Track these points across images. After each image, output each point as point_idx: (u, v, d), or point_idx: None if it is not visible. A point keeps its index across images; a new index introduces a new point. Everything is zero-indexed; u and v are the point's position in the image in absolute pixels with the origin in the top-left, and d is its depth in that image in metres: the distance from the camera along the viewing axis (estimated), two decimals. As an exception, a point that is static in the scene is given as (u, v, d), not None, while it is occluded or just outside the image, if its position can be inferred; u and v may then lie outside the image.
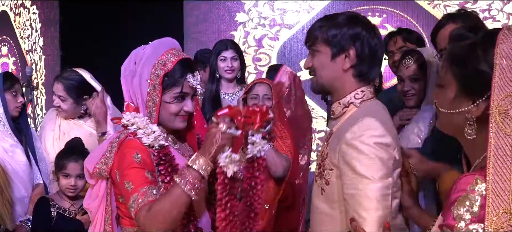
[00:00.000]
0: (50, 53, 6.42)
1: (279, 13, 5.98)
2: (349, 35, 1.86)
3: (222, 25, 6.05)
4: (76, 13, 6.08)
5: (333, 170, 1.83)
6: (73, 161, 2.95)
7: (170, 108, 2.03)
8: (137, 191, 1.89)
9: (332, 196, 1.84)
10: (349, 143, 1.76)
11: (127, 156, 1.95)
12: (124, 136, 2.01)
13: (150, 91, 2.01)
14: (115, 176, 1.98)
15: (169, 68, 2.01)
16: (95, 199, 2.08)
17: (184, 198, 1.85)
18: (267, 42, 6.00)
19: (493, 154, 1.24)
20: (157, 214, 1.85)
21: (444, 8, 5.55)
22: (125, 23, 6.04)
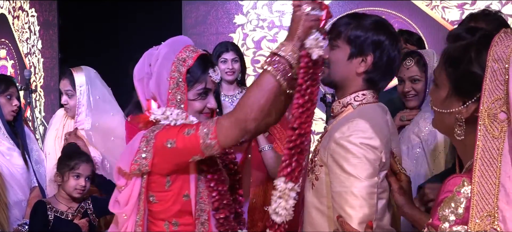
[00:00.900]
0: (48, 56, 6.42)
1: (278, 15, 5.98)
2: (372, 41, 1.88)
3: (221, 27, 6.05)
4: (75, 16, 6.09)
5: (323, 167, 1.86)
6: (85, 161, 2.96)
7: (194, 106, 2.01)
8: (200, 124, 1.87)
9: (321, 191, 1.87)
10: (337, 142, 1.79)
11: (173, 126, 1.92)
12: (160, 128, 1.94)
13: (173, 89, 1.97)
14: (165, 152, 1.90)
15: (190, 64, 1.98)
16: (126, 204, 1.99)
17: (273, 83, 1.79)
18: (265, 44, 6.00)
19: (480, 156, 1.25)
20: (245, 104, 1.81)
21: (442, 10, 5.56)
22: (124, 25, 6.04)
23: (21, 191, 3.17)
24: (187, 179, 2.00)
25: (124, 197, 2.00)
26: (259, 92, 1.81)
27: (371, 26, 1.90)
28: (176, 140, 1.88)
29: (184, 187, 1.99)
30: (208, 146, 1.86)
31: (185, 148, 1.89)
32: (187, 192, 1.99)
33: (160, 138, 1.91)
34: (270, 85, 1.80)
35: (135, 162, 1.93)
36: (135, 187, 1.98)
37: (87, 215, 2.98)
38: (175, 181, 1.98)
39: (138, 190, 1.97)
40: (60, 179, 2.97)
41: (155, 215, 2.01)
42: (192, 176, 2.00)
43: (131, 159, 1.94)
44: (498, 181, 1.23)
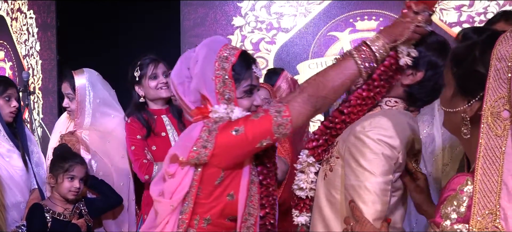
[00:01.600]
0: (47, 57, 6.41)
1: (276, 17, 5.99)
2: (429, 61, 1.87)
3: (219, 29, 6.05)
4: (73, 18, 6.09)
5: (339, 158, 1.86)
6: (79, 163, 2.96)
7: (242, 104, 1.99)
8: (269, 107, 1.87)
9: (333, 182, 1.87)
10: (357, 136, 1.79)
11: (237, 119, 1.91)
12: (222, 122, 1.91)
13: (220, 88, 1.95)
14: (230, 140, 1.86)
15: (233, 61, 1.96)
16: (173, 194, 1.93)
17: (354, 69, 1.81)
18: (264, 46, 6.00)
19: (482, 154, 1.25)
20: (319, 81, 1.82)
21: (440, 12, 5.57)
22: (122, 27, 6.04)
23: (20, 193, 3.17)
24: (238, 179, 1.96)
25: (171, 187, 1.94)
26: (337, 74, 1.82)
27: (434, 46, 1.88)
28: (244, 126, 1.85)
29: (231, 186, 1.95)
30: (280, 125, 1.84)
31: (254, 132, 1.86)
32: (232, 191, 1.95)
33: (224, 128, 1.88)
34: (350, 71, 1.82)
35: (194, 150, 1.88)
36: (186, 178, 1.92)
37: (82, 216, 2.99)
38: (226, 177, 1.94)
39: (189, 182, 1.92)
40: (54, 181, 2.97)
41: (198, 210, 1.96)
42: (244, 178, 1.96)
43: (190, 146, 1.89)
44: (500, 179, 1.23)
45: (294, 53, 5.95)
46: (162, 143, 3.05)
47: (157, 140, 3.05)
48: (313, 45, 5.90)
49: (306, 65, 5.91)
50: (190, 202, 1.93)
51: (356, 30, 5.75)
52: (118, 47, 6.03)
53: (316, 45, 5.90)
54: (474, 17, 5.49)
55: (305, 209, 1.98)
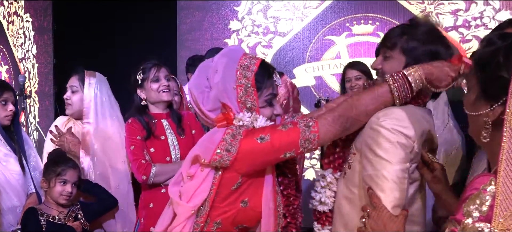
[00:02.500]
0: (43, 61, 6.41)
1: (273, 21, 6.00)
2: (430, 52, 1.90)
3: (216, 33, 6.06)
4: (70, 21, 6.09)
5: (356, 154, 1.88)
6: (72, 167, 2.95)
7: (264, 113, 1.97)
8: (297, 120, 1.87)
9: (353, 179, 1.89)
10: (372, 127, 1.82)
11: (262, 127, 1.90)
12: (246, 128, 1.90)
13: (242, 96, 1.93)
14: (254, 147, 1.85)
15: (255, 69, 1.95)
16: (192, 196, 1.91)
17: (388, 97, 1.84)
18: (260, 50, 6.01)
19: (505, 157, 1.27)
20: (353, 103, 1.84)
21: (437, 16, 5.59)
22: (119, 32, 6.04)
23: (16, 197, 3.16)
24: (254, 186, 1.94)
25: (189, 189, 1.93)
26: (371, 99, 1.85)
27: (427, 38, 1.92)
28: (270, 135, 1.84)
29: (247, 193, 1.93)
30: (307, 140, 1.84)
31: (281, 142, 1.85)
32: (247, 198, 1.93)
33: (249, 134, 1.87)
34: (384, 98, 1.85)
35: (217, 153, 1.86)
36: (207, 180, 1.91)
37: (78, 219, 2.98)
38: (243, 184, 1.92)
39: (209, 185, 1.90)
40: (46, 185, 2.96)
41: (217, 212, 1.94)
42: (267, 187, 1.95)
43: (213, 148, 1.87)
44: None
45: (290, 57, 5.96)
46: (161, 146, 3.07)
47: (156, 142, 3.07)
48: (309, 49, 5.91)
49: (303, 69, 5.92)
50: (206, 205, 1.92)
51: (353, 34, 5.77)
52: (114, 51, 6.03)
53: (312, 49, 5.91)
54: (470, 22, 5.51)
55: (328, 221, 2.00)
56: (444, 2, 5.58)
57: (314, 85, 5.87)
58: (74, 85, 3.25)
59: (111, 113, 3.27)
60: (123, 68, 5.15)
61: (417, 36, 1.92)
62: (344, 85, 4.15)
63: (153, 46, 5.65)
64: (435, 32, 1.96)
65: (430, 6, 5.62)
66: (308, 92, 5.80)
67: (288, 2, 5.95)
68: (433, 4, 5.61)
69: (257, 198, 1.93)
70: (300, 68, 5.92)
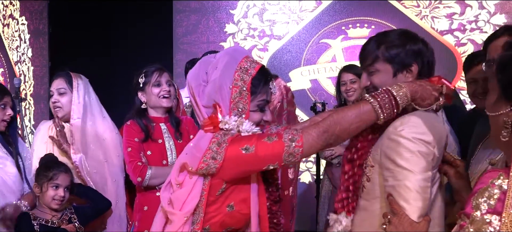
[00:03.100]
0: (38, 64, 6.40)
1: (268, 24, 6.01)
2: (413, 51, 1.93)
3: (212, 36, 6.07)
4: (65, 24, 6.08)
5: (374, 167, 1.88)
6: (64, 171, 2.95)
7: (253, 117, 1.99)
8: (282, 133, 1.88)
9: (373, 192, 1.89)
10: (390, 137, 1.82)
11: (248, 135, 1.92)
12: (231, 135, 1.92)
13: (235, 97, 1.96)
14: (239, 157, 1.87)
15: (253, 74, 1.97)
16: (184, 204, 1.95)
17: (371, 115, 1.85)
18: (256, 53, 6.02)
19: None
20: (337, 120, 1.85)
21: (432, 20, 5.61)
22: (115, 34, 6.04)
23: (13, 199, 3.15)
24: (238, 191, 1.97)
25: (180, 197, 1.96)
26: (355, 116, 1.86)
27: (405, 40, 1.95)
28: (255, 146, 1.87)
29: (231, 197, 1.96)
30: (291, 154, 1.86)
31: (265, 155, 1.87)
32: (232, 203, 1.96)
33: (234, 143, 1.89)
34: (367, 116, 1.86)
35: (204, 161, 1.89)
36: (196, 187, 1.94)
37: (72, 223, 2.98)
38: (227, 189, 1.95)
39: (199, 192, 1.94)
40: (39, 190, 2.96)
41: (213, 215, 1.98)
42: (253, 186, 1.99)
43: (200, 157, 1.91)
44: None
45: (286, 60, 5.97)
46: (157, 149, 3.08)
47: (153, 146, 3.08)
48: (305, 52, 5.92)
49: (299, 72, 5.93)
50: (200, 211, 1.95)
51: (348, 37, 5.78)
52: (110, 54, 6.03)
53: (308, 53, 5.92)
54: (465, 25, 5.53)
55: None
56: (439, 5, 5.60)
57: (310, 88, 5.88)
58: (61, 88, 3.25)
59: (100, 113, 3.30)
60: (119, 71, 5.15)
61: (394, 41, 1.94)
62: (340, 88, 4.16)
63: (149, 49, 5.65)
64: (408, 33, 1.99)
65: (425, 9, 5.63)
66: (304, 95, 5.80)
67: (284, 5, 5.96)
68: (429, 7, 5.63)
69: (242, 202, 1.97)
70: (296, 71, 5.93)
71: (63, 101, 3.24)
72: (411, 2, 5.67)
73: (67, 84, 3.25)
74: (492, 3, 5.48)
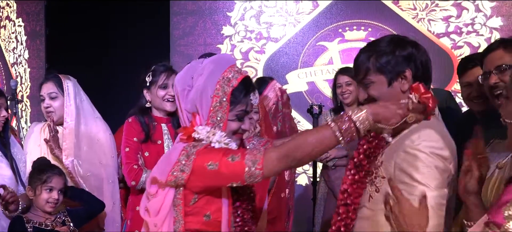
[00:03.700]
0: (35, 65, 6.39)
1: (265, 26, 6.01)
2: (403, 57, 1.90)
3: (209, 38, 6.06)
4: (62, 26, 6.07)
5: (385, 178, 1.85)
6: (57, 174, 2.94)
7: (231, 126, 2.03)
8: (246, 153, 1.90)
9: (380, 203, 1.85)
10: (407, 151, 1.79)
11: (215, 149, 1.96)
12: (202, 147, 1.97)
13: (215, 107, 2.00)
14: (204, 172, 1.92)
15: (235, 84, 2.01)
16: (156, 212, 2.01)
17: (332, 141, 1.84)
18: (253, 55, 6.02)
19: None
20: (298, 144, 1.86)
21: (428, 22, 5.62)
22: (112, 36, 6.04)
23: (9, 201, 3.14)
24: (215, 200, 2.02)
25: (155, 206, 2.01)
26: (316, 142, 1.85)
27: (394, 47, 1.92)
28: (219, 163, 1.91)
29: (207, 207, 2.01)
30: (252, 175, 1.89)
31: (227, 173, 1.91)
32: (208, 212, 2.01)
33: (201, 157, 1.94)
34: (328, 141, 1.85)
35: (172, 174, 1.95)
36: (168, 197, 1.99)
37: (65, 225, 2.97)
38: (200, 199, 2.00)
39: (170, 200, 1.99)
40: (32, 193, 2.94)
41: (194, 220, 2.03)
42: (224, 200, 2.03)
43: (168, 170, 1.96)
44: None
45: (283, 62, 5.97)
46: (155, 151, 3.05)
47: (152, 147, 3.06)
48: (302, 54, 5.92)
49: (295, 74, 5.93)
50: (180, 219, 2.00)
51: (345, 40, 5.79)
52: (107, 55, 6.02)
53: (305, 55, 5.92)
54: (462, 28, 5.55)
55: None
56: (435, 8, 5.61)
57: (306, 91, 5.88)
58: (52, 92, 3.24)
59: (93, 114, 3.29)
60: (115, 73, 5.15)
61: (383, 50, 1.92)
62: (336, 90, 4.16)
63: (146, 51, 5.64)
64: (396, 39, 1.96)
65: (422, 12, 5.65)
66: (300, 98, 5.80)
67: (281, 7, 5.96)
68: (425, 10, 5.64)
69: (218, 210, 2.02)
70: (293, 74, 5.93)
71: (56, 105, 3.23)
72: (407, 5, 5.68)
73: (57, 87, 3.23)
74: (488, 6, 5.49)
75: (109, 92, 5.74)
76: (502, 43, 2.43)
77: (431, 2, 5.63)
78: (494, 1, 5.50)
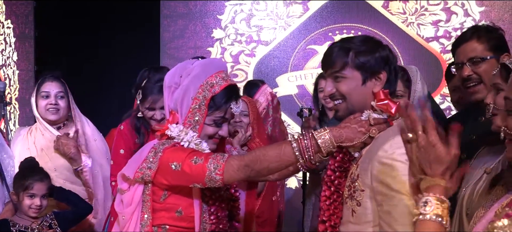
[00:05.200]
0: (24, 68, 6.35)
1: (256, 30, 6.01)
2: (382, 58, 1.90)
3: (199, 41, 6.06)
4: (51, 28, 6.04)
5: (365, 191, 1.81)
6: (39, 180, 2.88)
7: (207, 130, 2.09)
8: (210, 157, 1.95)
9: (365, 217, 1.82)
10: (382, 162, 1.75)
11: (183, 149, 2.02)
12: (170, 144, 2.04)
13: (194, 109, 2.06)
14: (168, 171, 1.99)
15: (216, 91, 2.06)
16: (129, 205, 2.09)
17: (291, 159, 1.87)
18: (243, 59, 6.02)
19: None
20: (259, 157, 1.91)
21: (418, 27, 5.65)
22: (101, 38, 6.01)
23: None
24: (185, 197, 2.07)
25: (125, 200, 2.10)
26: (275, 157, 1.90)
27: (371, 46, 1.92)
28: (182, 164, 1.97)
29: (178, 203, 2.07)
30: (212, 180, 1.95)
31: (190, 174, 1.97)
32: (180, 208, 2.07)
33: (166, 155, 2.01)
34: (287, 158, 1.89)
35: (140, 170, 2.04)
36: (137, 192, 2.07)
37: (52, 228, 2.93)
38: (170, 196, 2.07)
39: (139, 196, 2.07)
40: (16, 198, 2.91)
41: (165, 214, 2.10)
42: (195, 196, 2.08)
43: (136, 166, 2.04)
44: None
45: (273, 66, 5.97)
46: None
47: None
48: (292, 58, 5.93)
49: (286, 78, 5.94)
50: (148, 215, 2.08)
51: (335, 43, 5.80)
52: (97, 58, 5.99)
53: (295, 58, 5.93)
54: (451, 32, 5.58)
55: None
56: (425, 13, 5.65)
57: (296, 94, 5.89)
58: (61, 91, 3.23)
59: (83, 116, 3.33)
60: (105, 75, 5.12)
61: (362, 48, 1.91)
62: (317, 95, 4.09)
63: (136, 53, 5.63)
64: (375, 39, 1.97)
65: (412, 16, 5.68)
66: (290, 101, 5.81)
67: (271, 11, 5.97)
68: (415, 14, 5.68)
69: (190, 206, 2.08)
70: (283, 77, 5.94)
71: (62, 105, 3.23)
72: (397, 9, 5.71)
73: (63, 87, 3.25)
74: (477, 11, 5.54)
75: (99, 94, 5.72)
76: (475, 33, 2.36)
77: (421, 6, 5.67)
78: (483, 6, 5.54)
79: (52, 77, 3.30)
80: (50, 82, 3.27)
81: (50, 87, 3.25)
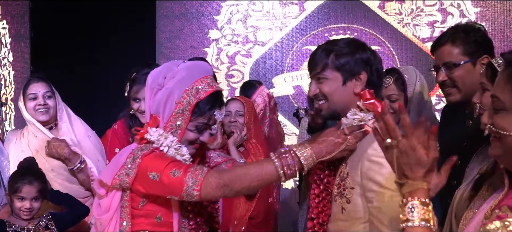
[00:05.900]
0: (19, 68, 6.34)
1: (252, 30, 6.01)
2: (361, 60, 1.94)
3: (195, 41, 6.05)
4: (47, 29, 6.03)
5: (355, 188, 1.85)
6: (27, 183, 2.86)
7: (188, 135, 2.04)
8: (189, 171, 1.91)
9: (354, 214, 1.85)
10: (372, 160, 1.80)
11: (162, 157, 1.97)
12: (149, 150, 1.99)
13: (177, 113, 2.01)
14: (146, 179, 1.95)
15: (201, 97, 2.01)
16: (107, 211, 2.05)
17: (273, 174, 1.86)
18: (239, 59, 6.02)
19: None
20: (239, 176, 1.88)
21: (414, 27, 5.66)
22: (97, 38, 6.00)
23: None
24: (164, 204, 2.04)
25: (104, 205, 2.05)
26: (257, 176, 1.88)
27: (354, 49, 1.96)
28: (160, 175, 1.92)
29: (158, 210, 2.04)
30: (189, 194, 1.91)
31: (167, 186, 1.93)
32: (159, 214, 2.03)
33: (145, 163, 1.96)
34: (269, 177, 1.87)
35: (118, 176, 1.98)
36: (115, 198, 2.03)
37: (49, 229, 2.93)
38: (148, 203, 2.03)
39: (117, 202, 2.02)
40: (9, 200, 2.91)
41: (144, 221, 2.07)
42: (174, 203, 2.04)
43: (114, 173, 1.99)
44: None
45: (270, 66, 5.98)
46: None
47: None
48: (288, 58, 5.94)
49: (282, 78, 5.94)
50: (128, 221, 2.04)
51: (331, 44, 5.80)
52: (93, 58, 5.98)
53: (291, 59, 5.93)
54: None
55: None
56: (421, 13, 5.66)
57: (293, 95, 5.90)
58: (48, 91, 3.21)
59: (74, 115, 3.30)
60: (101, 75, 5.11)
61: (343, 50, 1.95)
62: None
63: (132, 53, 5.62)
64: (357, 42, 2.01)
65: (408, 17, 5.69)
66: (287, 102, 5.81)
67: (267, 11, 5.98)
68: (411, 15, 5.69)
69: (169, 212, 2.04)
70: (279, 78, 5.94)
71: (51, 104, 3.22)
72: (393, 10, 5.72)
73: (50, 87, 3.23)
74: (473, 11, 5.55)
75: (95, 95, 5.71)
76: (451, 36, 2.32)
77: (417, 7, 5.68)
78: (479, 7, 5.56)
79: (37, 78, 3.29)
80: (36, 83, 3.25)
81: (37, 88, 3.23)
